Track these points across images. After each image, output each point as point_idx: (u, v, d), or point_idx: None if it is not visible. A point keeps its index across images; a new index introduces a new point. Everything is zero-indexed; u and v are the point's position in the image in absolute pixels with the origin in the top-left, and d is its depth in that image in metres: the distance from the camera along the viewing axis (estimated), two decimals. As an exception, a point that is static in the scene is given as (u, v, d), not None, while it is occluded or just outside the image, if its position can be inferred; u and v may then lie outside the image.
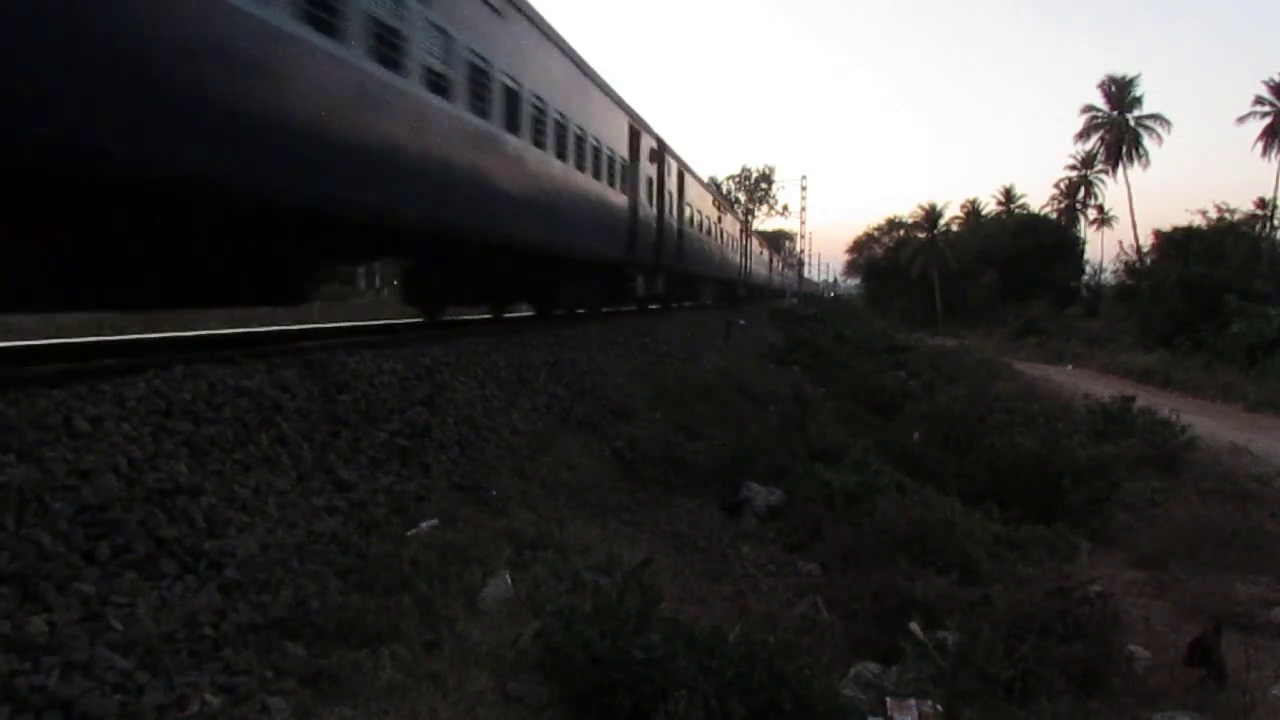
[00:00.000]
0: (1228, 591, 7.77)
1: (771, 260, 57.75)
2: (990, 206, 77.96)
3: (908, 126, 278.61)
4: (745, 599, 6.10)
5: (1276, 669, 6.20)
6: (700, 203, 24.81)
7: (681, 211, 21.27)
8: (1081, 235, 67.09)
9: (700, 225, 24.78)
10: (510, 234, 10.86)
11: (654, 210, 18.31)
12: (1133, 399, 17.25)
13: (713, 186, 39.76)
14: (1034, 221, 67.69)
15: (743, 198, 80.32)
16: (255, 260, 6.95)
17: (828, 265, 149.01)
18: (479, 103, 9.59)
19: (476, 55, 9.47)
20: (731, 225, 33.75)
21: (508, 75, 10.33)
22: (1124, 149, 58.28)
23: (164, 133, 5.34)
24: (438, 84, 8.60)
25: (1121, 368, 33.76)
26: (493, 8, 10.05)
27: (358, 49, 7.16)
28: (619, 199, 15.68)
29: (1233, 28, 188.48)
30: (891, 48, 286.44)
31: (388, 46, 7.60)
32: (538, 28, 11.60)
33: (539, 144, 11.54)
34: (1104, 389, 21.26)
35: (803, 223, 72.82)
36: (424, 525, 5.11)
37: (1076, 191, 66.96)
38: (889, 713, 4.67)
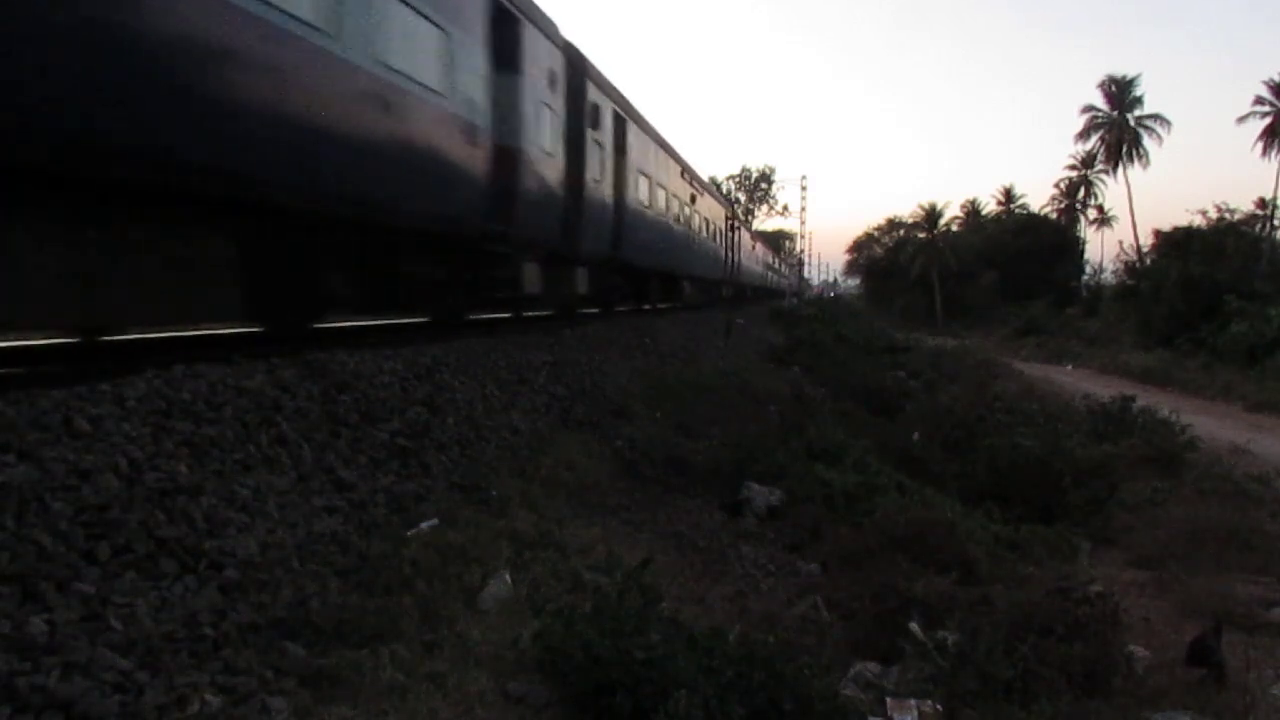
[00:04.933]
0: (1228, 591, 7.76)
1: (780, 266, 67.57)
2: (990, 206, 78.13)
3: (908, 126, 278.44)
4: (745, 599, 6.11)
5: (1276, 669, 6.19)
6: (746, 240, 42.28)
7: (740, 250, 37.51)
8: (1081, 235, 67.10)
9: (747, 255, 41.87)
10: (702, 273, 27.43)
11: (732, 251, 34.15)
12: (1133, 399, 17.22)
13: (747, 223, 56.17)
14: (1034, 221, 67.70)
15: (743, 198, 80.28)
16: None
17: (828, 265, 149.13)
18: (702, 230, 26.34)
19: (701, 215, 26.01)
20: (760, 251, 51.72)
21: (698, 212, 25.27)
22: (1124, 149, 58.21)
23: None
24: (683, 221, 23.34)
25: (1121, 368, 33.73)
26: (696, 191, 25.06)
27: (709, 238, 28.32)
28: (722, 249, 31.55)
29: (1233, 28, 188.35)
30: (891, 48, 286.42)
31: (696, 229, 25.50)
32: (708, 191, 28.64)
33: (709, 233, 27.89)
34: (1104, 389, 21.24)
35: (803, 223, 72.67)
36: (424, 525, 5.11)
37: (1076, 191, 66.93)
38: (889, 713, 4.67)
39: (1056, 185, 68.22)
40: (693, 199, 24.45)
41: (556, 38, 12.15)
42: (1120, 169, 59.37)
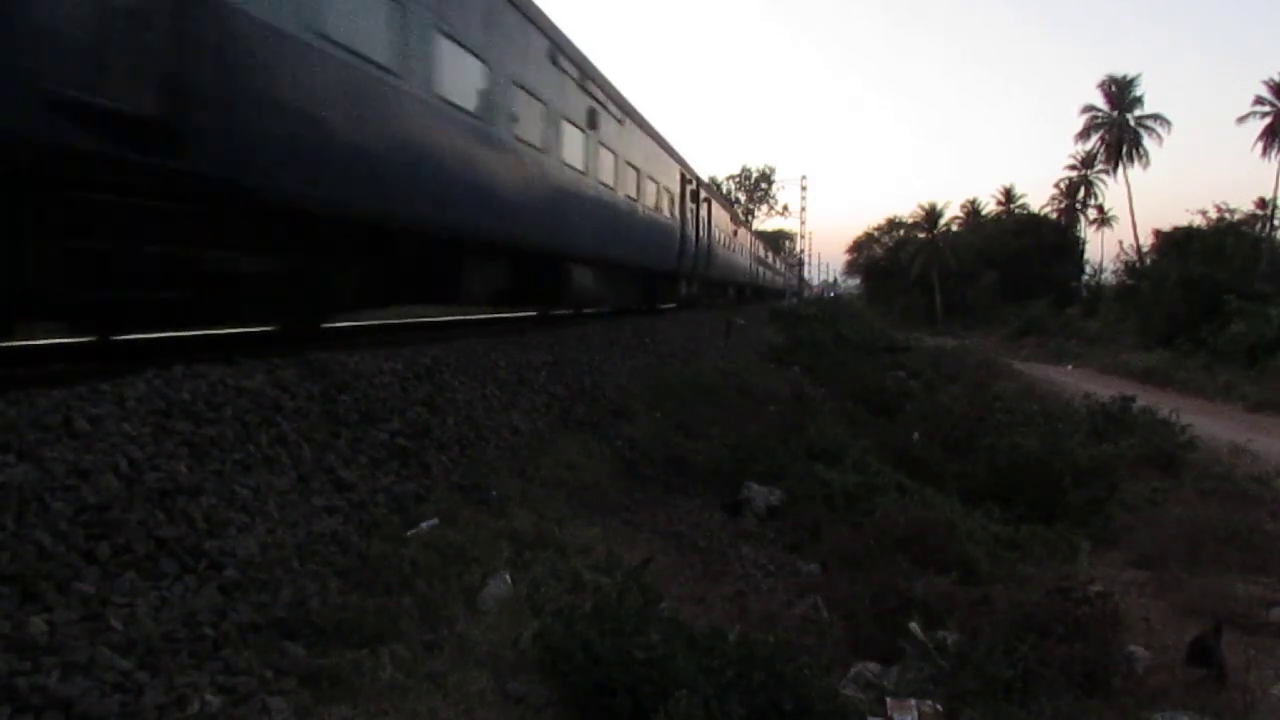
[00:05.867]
0: (1228, 591, 7.76)
1: (775, 263, 62.29)
2: (990, 206, 78.19)
3: (908, 126, 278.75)
4: (745, 599, 6.10)
5: (1276, 669, 6.19)
6: (722, 223, 30.98)
7: (710, 232, 27.09)
8: (1081, 235, 67.20)
9: (723, 242, 31.14)
10: (623, 256, 16.68)
11: (694, 233, 23.85)
12: (1133, 399, 17.23)
13: (730, 204, 48.12)
14: (1034, 221, 67.77)
15: (743, 198, 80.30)
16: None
17: (828, 265, 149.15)
18: (627, 187, 16.18)
19: (623, 160, 15.73)
20: (744, 238, 40.48)
21: (612, 151, 15.02)
22: (1124, 149, 58.33)
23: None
24: (626, 205, 16.18)
25: (1121, 368, 33.75)
26: (612, 112, 14.98)
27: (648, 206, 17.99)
28: (676, 226, 21.43)
29: (1233, 28, 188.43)
30: (891, 48, 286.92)
31: (610, 180, 14.87)
32: (634, 121, 16.98)
33: (641, 195, 17.34)
34: (1104, 389, 21.24)
35: (803, 223, 72.61)
36: (424, 525, 5.11)
37: (1076, 191, 67.01)
38: (889, 713, 4.67)
39: (1056, 185, 68.43)
40: (592, 119, 13.41)
41: None
42: (1120, 169, 59.55)
